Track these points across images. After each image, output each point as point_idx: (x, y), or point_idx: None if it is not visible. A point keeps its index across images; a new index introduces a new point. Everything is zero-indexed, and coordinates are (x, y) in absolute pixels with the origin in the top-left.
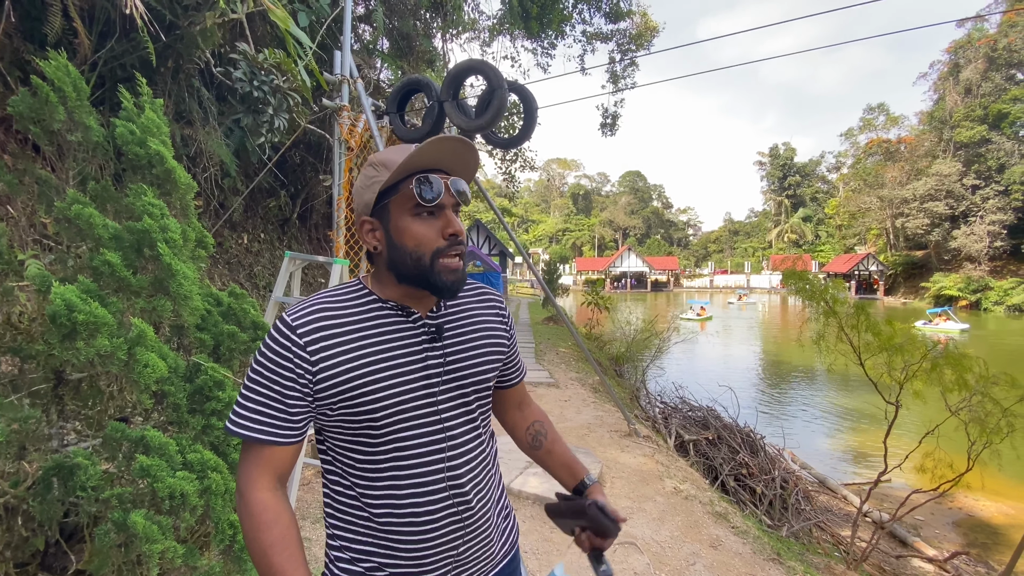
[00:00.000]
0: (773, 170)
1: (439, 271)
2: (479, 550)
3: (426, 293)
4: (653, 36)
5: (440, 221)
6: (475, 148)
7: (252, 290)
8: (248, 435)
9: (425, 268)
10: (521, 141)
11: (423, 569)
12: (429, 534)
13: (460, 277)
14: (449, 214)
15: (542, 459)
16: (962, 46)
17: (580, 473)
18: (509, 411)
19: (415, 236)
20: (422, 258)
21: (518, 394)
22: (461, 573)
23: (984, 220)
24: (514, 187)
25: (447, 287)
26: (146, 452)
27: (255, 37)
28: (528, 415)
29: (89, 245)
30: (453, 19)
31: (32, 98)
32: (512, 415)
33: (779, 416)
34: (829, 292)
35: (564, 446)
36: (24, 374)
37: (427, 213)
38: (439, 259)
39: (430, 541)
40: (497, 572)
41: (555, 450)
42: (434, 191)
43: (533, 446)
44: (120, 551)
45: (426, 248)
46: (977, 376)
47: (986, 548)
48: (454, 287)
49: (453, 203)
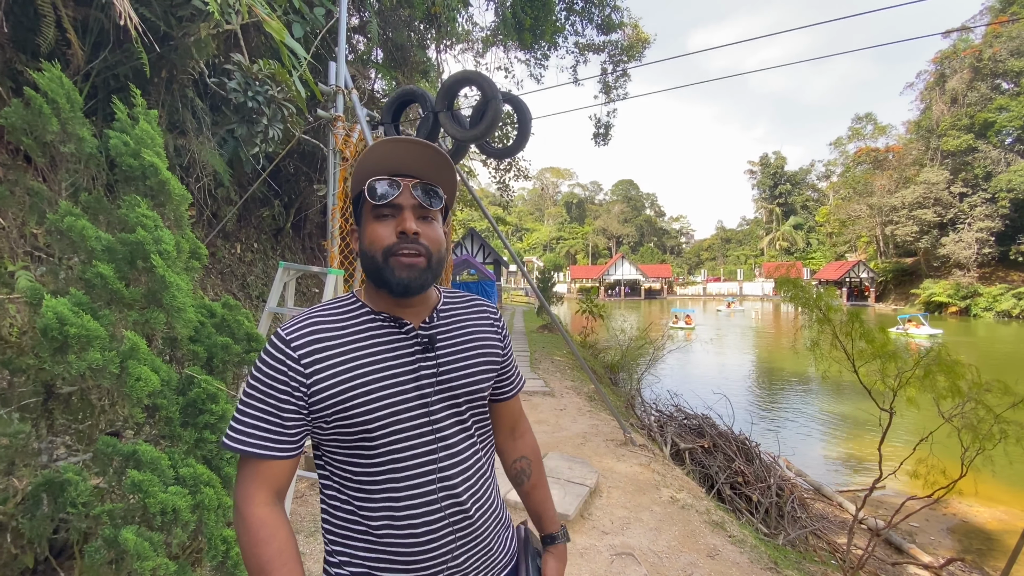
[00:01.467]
0: (764, 179)
1: (391, 268)
2: (479, 560)
3: (413, 301)
4: (645, 47)
5: (396, 221)
6: (443, 154)
7: (245, 300)
8: (245, 450)
9: (379, 266)
10: (515, 151)
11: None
12: (427, 545)
13: (416, 276)
14: (406, 214)
15: (522, 497)
16: (948, 56)
17: (548, 527)
18: (501, 433)
19: (370, 235)
20: (375, 256)
21: (512, 415)
22: None
23: (972, 227)
24: (508, 196)
25: (399, 284)
26: (138, 467)
27: (250, 48)
28: (519, 447)
29: (82, 257)
30: (447, 30)
31: (25, 109)
32: (503, 441)
33: (773, 421)
34: (823, 300)
35: (544, 493)
36: (13, 388)
37: (387, 215)
38: (391, 257)
39: (428, 552)
40: None
41: (533, 496)
42: (382, 190)
43: (516, 481)
44: (111, 568)
45: (378, 246)
46: (970, 383)
47: (981, 554)
48: (407, 284)
49: (414, 204)
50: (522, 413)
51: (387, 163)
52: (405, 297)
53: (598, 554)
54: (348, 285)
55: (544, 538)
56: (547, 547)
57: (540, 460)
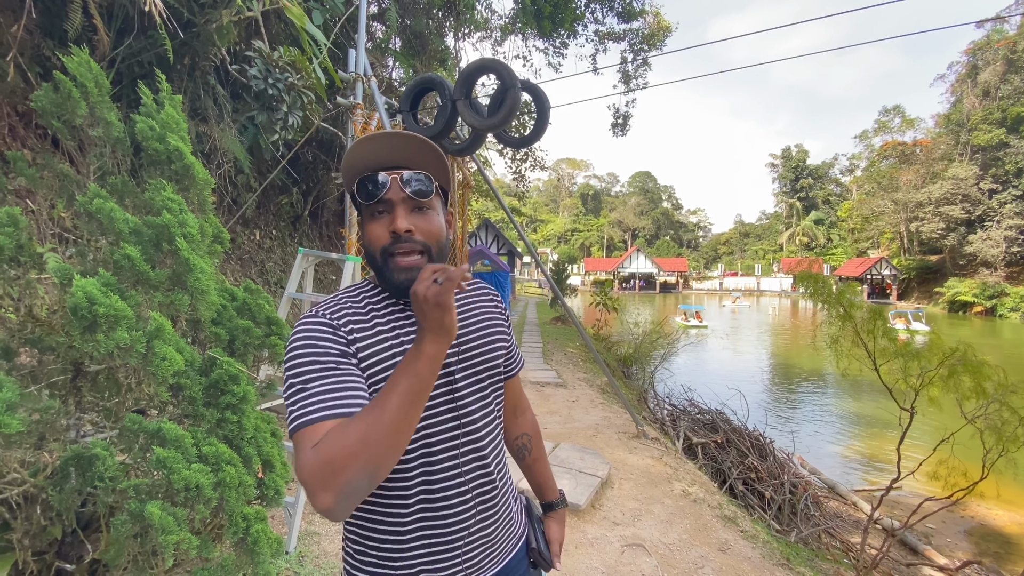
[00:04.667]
0: (785, 172)
1: (391, 270)
2: (503, 528)
3: None
4: (666, 36)
5: (389, 219)
6: (427, 141)
7: (264, 286)
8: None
9: (379, 266)
10: (533, 140)
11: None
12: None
13: (414, 276)
14: (398, 211)
15: (523, 469)
16: (981, 48)
17: (549, 496)
18: (504, 412)
19: (369, 236)
20: (375, 257)
21: (514, 393)
22: (492, 554)
23: (1001, 225)
24: (524, 186)
25: (398, 285)
26: (162, 444)
27: (270, 35)
28: (520, 424)
29: (109, 239)
30: (466, 18)
31: (55, 93)
32: (507, 419)
33: (788, 418)
34: (845, 296)
35: (544, 465)
36: (43, 365)
37: (380, 212)
38: (389, 258)
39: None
40: (515, 553)
41: (534, 468)
42: (369, 189)
43: (517, 456)
44: (136, 541)
45: (376, 247)
46: (996, 384)
47: (999, 558)
48: (405, 286)
49: (403, 198)
50: (522, 392)
51: (372, 159)
52: (407, 297)
53: (608, 544)
54: (365, 272)
55: (545, 505)
56: (548, 513)
57: (540, 436)
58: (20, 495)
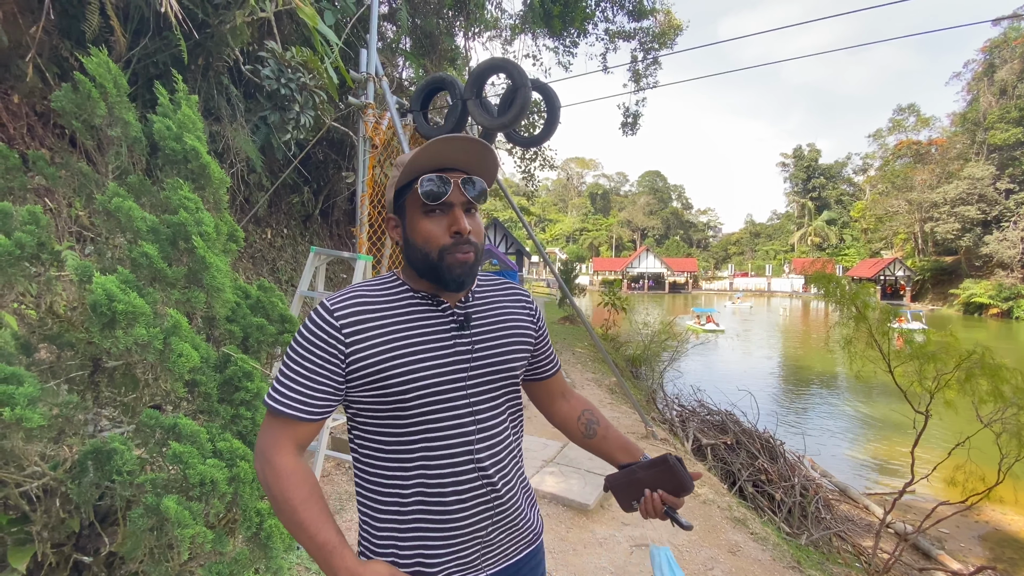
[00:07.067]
0: (797, 172)
1: (447, 266)
2: (507, 535)
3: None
4: (677, 34)
5: (448, 219)
6: (491, 148)
7: (275, 284)
8: (281, 410)
9: (433, 263)
10: (543, 140)
11: (452, 551)
12: (457, 516)
13: (467, 271)
14: (457, 212)
15: (597, 446)
16: (998, 45)
17: (638, 453)
18: (555, 402)
19: (423, 234)
20: (430, 255)
21: (559, 384)
22: (488, 556)
23: (1018, 226)
24: (533, 186)
25: (453, 280)
26: (178, 439)
27: (282, 35)
28: (576, 404)
29: (128, 237)
30: (476, 17)
31: (74, 93)
32: (559, 406)
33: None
34: (859, 297)
35: (617, 430)
36: (62, 361)
37: (436, 211)
38: (446, 255)
39: (459, 524)
40: (521, 558)
41: (610, 435)
42: (437, 190)
43: (587, 435)
44: (152, 535)
45: (433, 246)
46: (1014, 388)
47: (1013, 563)
48: (460, 280)
49: (463, 201)
50: (567, 384)
51: (439, 159)
52: (459, 291)
53: (617, 544)
54: (376, 271)
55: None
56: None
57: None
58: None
